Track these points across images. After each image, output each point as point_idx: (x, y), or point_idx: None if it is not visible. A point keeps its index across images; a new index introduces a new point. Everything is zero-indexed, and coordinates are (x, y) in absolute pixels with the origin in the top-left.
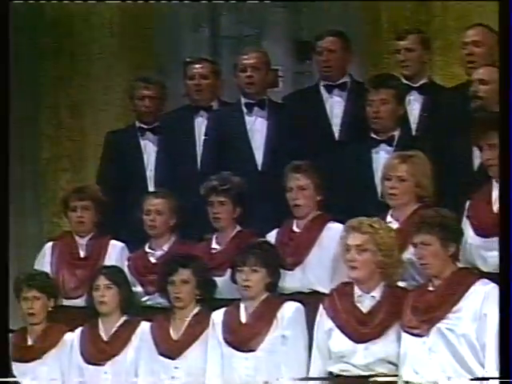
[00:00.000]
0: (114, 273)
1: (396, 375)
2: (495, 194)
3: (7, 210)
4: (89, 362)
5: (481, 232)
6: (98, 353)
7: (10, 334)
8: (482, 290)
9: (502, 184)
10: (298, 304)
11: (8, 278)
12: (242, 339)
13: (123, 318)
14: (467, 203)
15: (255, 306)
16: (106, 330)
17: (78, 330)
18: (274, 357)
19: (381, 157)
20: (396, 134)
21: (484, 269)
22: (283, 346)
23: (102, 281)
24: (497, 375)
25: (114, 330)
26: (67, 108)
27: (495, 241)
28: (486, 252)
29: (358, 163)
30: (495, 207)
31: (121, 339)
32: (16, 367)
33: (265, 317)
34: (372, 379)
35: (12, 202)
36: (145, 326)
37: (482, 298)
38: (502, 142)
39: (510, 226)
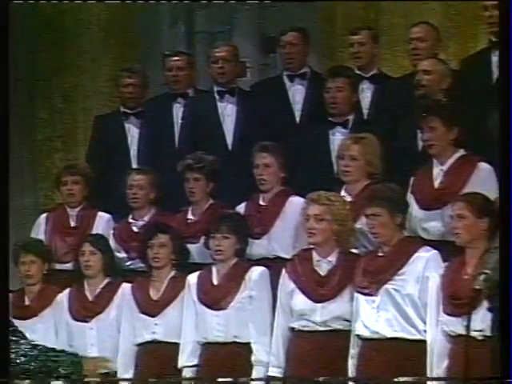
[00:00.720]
0: (98, 240)
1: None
2: (435, 171)
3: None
4: (76, 319)
5: (423, 205)
6: (83, 311)
7: (10, 294)
8: (424, 255)
9: (502, 183)
10: (263, 268)
11: (8, 244)
12: (213, 299)
13: (106, 280)
14: (411, 179)
15: (226, 269)
16: (91, 290)
17: (67, 291)
18: (242, 314)
19: (337, 138)
20: (350, 118)
21: (426, 237)
22: (250, 305)
23: (87, 247)
24: (436, 331)
25: (98, 290)
26: (59, 95)
27: (436, 213)
28: (427, 223)
29: (317, 144)
30: (435, 183)
31: (104, 299)
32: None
33: (234, 279)
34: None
35: (11, 177)
36: (126, 287)
37: (424, 262)
38: (503, 142)
39: (510, 225)
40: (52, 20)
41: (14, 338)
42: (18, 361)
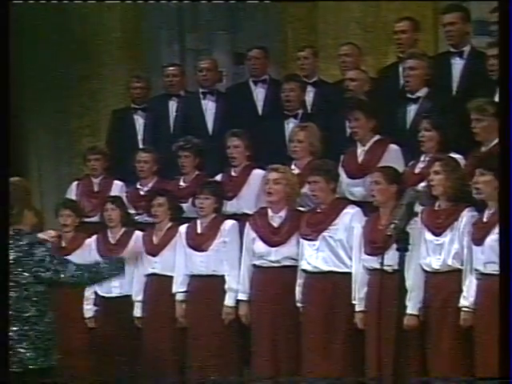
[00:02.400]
0: (117, 200)
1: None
2: (359, 150)
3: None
4: (102, 257)
5: (350, 175)
6: (107, 251)
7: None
8: (350, 211)
9: (502, 182)
10: (234, 221)
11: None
12: (198, 243)
13: (123, 229)
14: (341, 157)
15: (207, 222)
16: (112, 236)
17: (95, 237)
18: (218, 254)
19: (290, 126)
20: (299, 112)
21: (352, 198)
22: (224, 248)
23: (109, 205)
24: (359, 266)
25: (118, 237)
26: (87, 95)
27: (359, 181)
28: (353, 188)
29: (275, 131)
30: (359, 159)
31: (122, 243)
32: None
33: (213, 229)
34: None
35: (53, 155)
36: (138, 234)
37: (351, 216)
38: (503, 142)
39: (510, 226)
40: (81, 41)
41: (59, 268)
42: (66, 280)
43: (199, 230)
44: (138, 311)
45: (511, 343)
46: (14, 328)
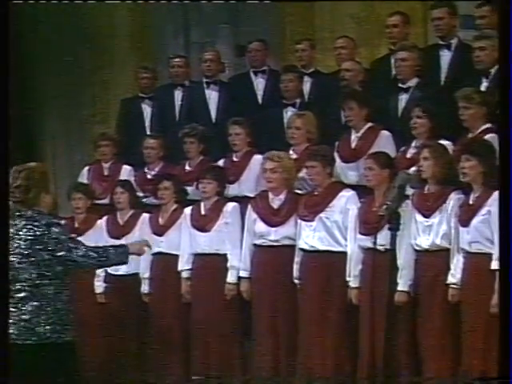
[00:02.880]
0: (125, 184)
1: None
2: (352, 137)
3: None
4: (111, 237)
5: (344, 160)
6: (116, 232)
7: (63, 221)
8: (346, 194)
9: (502, 181)
10: (235, 203)
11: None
12: (202, 224)
13: (131, 212)
14: (336, 143)
15: (210, 204)
16: (121, 218)
17: (105, 218)
18: (221, 235)
19: (288, 114)
20: (297, 100)
21: (346, 182)
22: (226, 229)
23: (119, 189)
24: (354, 246)
25: (126, 218)
26: (98, 85)
27: (353, 165)
28: (347, 171)
29: (274, 118)
30: (353, 145)
31: (130, 224)
32: None
33: (215, 211)
34: None
35: (66, 141)
36: (145, 216)
37: (346, 199)
38: (503, 143)
39: (510, 226)
40: (92, 36)
41: (72, 247)
42: (77, 260)
43: (203, 212)
44: (145, 288)
45: (511, 343)
46: (33, 304)
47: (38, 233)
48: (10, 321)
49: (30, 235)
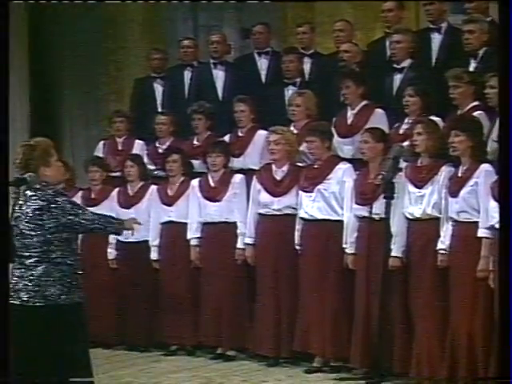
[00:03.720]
0: (136, 158)
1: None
2: (349, 114)
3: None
4: (122, 207)
5: (341, 135)
6: (126, 202)
7: (81, 191)
8: (343, 167)
9: (502, 180)
10: (241, 175)
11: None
12: (212, 195)
13: (141, 183)
14: (334, 119)
15: (218, 176)
16: (131, 189)
17: (116, 189)
18: (229, 204)
19: (289, 93)
20: (298, 80)
21: (342, 156)
22: (235, 199)
23: (129, 162)
24: (350, 215)
25: (136, 189)
26: (113, 66)
27: (349, 140)
28: (343, 146)
29: (276, 97)
30: (349, 121)
31: (140, 195)
32: None
33: (224, 182)
34: None
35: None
36: (154, 188)
37: (343, 172)
38: (503, 142)
39: (510, 226)
40: (108, 20)
41: (78, 212)
42: (82, 223)
43: (212, 184)
44: (154, 255)
45: (511, 343)
46: (40, 267)
47: (44, 202)
48: (22, 283)
49: (37, 205)
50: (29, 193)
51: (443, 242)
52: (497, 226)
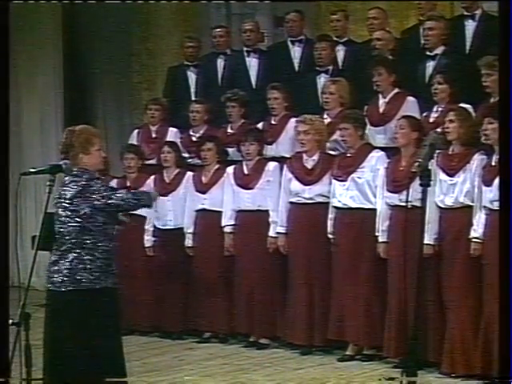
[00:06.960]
0: (172, 145)
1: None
2: (380, 102)
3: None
4: (160, 194)
5: (373, 124)
6: (163, 189)
7: (116, 180)
8: (376, 155)
9: (502, 180)
10: (275, 163)
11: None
12: (245, 182)
13: (177, 170)
14: (365, 107)
15: (252, 164)
16: (168, 176)
17: (153, 177)
18: (263, 192)
19: (322, 81)
20: (330, 68)
21: (375, 144)
22: (268, 186)
23: (166, 148)
24: (382, 203)
25: (172, 176)
26: (146, 54)
27: (380, 129)
28: (376, 135)
29: (309, 84)
30: (380, 109)
31: (176, 182)
32: None
33: (258, 170)
34: None
35: (117, 107)
36: (190, 175)
37: (376, 159)
38: (503, 142)
39: (510, 226)
40: (141, 9)
41: (110, 194)
42: (116, 202)
43: (246, 171)
44: (189, 242)
45: (511, 343)
46: (73, 253)
47: (80, 188)
48: (55, 268)
49: (73, 190)
50: (66, 179)
51: (476, 231)
52: None
